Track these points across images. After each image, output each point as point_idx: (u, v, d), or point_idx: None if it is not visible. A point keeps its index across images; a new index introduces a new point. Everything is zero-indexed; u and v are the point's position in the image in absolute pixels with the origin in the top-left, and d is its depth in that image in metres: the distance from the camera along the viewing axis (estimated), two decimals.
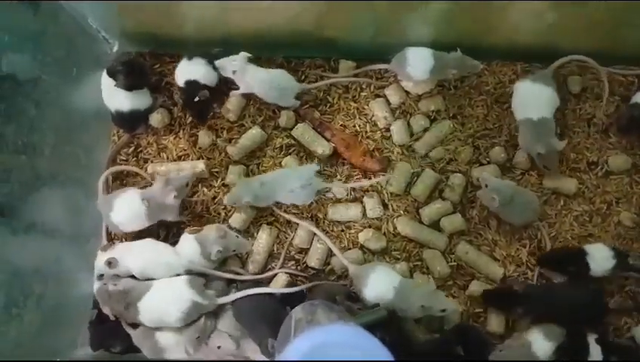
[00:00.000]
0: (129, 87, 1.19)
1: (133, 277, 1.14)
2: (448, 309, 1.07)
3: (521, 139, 1.22)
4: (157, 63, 1.30)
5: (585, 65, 1.28)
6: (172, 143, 1.26)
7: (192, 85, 1.21)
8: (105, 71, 1.18)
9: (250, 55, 1.21)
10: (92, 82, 1.21)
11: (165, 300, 1.10)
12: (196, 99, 1.19)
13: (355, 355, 0.75)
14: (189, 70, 1.23)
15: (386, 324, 0.99)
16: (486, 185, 1.16)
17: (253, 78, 1.22)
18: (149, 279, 1.13)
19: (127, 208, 1.13)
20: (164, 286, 1.11)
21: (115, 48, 1.30)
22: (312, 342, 0.77)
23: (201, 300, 1.09)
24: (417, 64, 1.21)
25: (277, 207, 1.22)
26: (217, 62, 1.21)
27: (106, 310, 1.12)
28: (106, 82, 1.19)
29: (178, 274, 1.13)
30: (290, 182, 1.16)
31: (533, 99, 1.20)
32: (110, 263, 1.09)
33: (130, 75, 1.17)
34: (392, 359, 0.76)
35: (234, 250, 1.16)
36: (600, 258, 1.14)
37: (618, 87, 1.29)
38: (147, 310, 1.09)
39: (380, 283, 1.09)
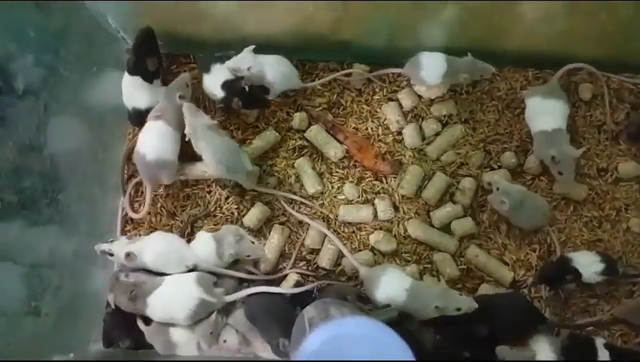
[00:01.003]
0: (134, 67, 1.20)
1: (146, 271, 1.15)
2: (463, 307, 1.07)
3: (536, 150, 1.23)
4: (174, 64, 1.32)
5: (596, 72, 1.29)
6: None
7: (231, 84, 1.20)
8: (126, 71, 1.20)
9: (254, 46, 1.21)
10: (110, 80, 1.22)
11: (174, 297, 1.10)
12: (246, 88, 1.18)
13: (371, 347, 0.76)
14: (216, 77, 1.22)
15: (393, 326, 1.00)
16: (497, 188, 1.17)
17: (268, 66, 1.21)
18: (161, 273, 1.14)
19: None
20: (173, 283, 1.12)
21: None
22: (328, 334, 0.78)
23: (209, 298, 1.10)
24: (431, 68, 1.22)
25: (290, 206, 1.24)
26: (229, 65, 1.20)
27: (109, 297, 1.13)
28: (127, 80, 1.21)
29: (191, 270, 1.15)
30: None
31: (545, 113, 1.21)
32: (129, 255, 1.10)
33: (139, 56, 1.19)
34: (409, 350, 0.77)
35: (248, 255, 1.16)
36: (586, 263, 1.15)
37: (628, 95, 1.31)
38: (156, 305, 1.10)
39: (391, 286, 1.10)
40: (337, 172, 1.27)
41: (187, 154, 1.20)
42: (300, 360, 0.78)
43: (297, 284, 1.19)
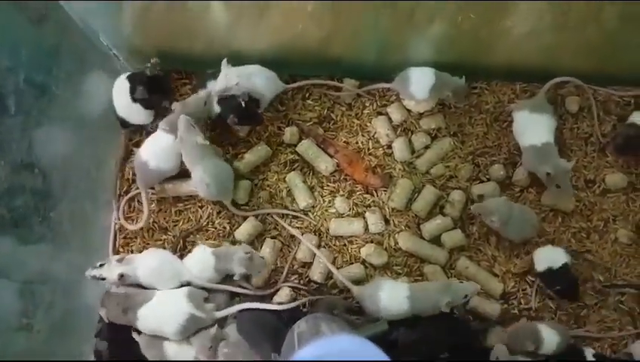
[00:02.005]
0: (146, 104, 1.22)
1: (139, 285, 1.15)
2: (469, 293, 1.10)
3: (525, 163, 1.24)
4: None
5: (582, 86, 1.31)
6: None
7: (227, 100, 1.22)
8: (124, 77, 1.23)
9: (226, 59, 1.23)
10: (103, 98, 1.24)
11: (164, 311, 1.11)
12: (242, 104, 1.19)
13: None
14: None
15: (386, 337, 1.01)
16: (479, 214, 1.20)
17: (254, 76, 1.23)
18: (152, 288, 1.15)
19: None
20: (164, 297, 1.13)
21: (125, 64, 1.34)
22: (315, 351, 0.79)
23: (199, 313, 1.11)
24: (419, 83, 1.24)
25: (282, 219, 1.25)
26: (218, 89, 1.22)
27: (102, 312, 1.14)
28: (123, 98, 1.23)
29: (183, 285, 1.15)
30: None
31: (533, 127, 1.23)
32: (122, 277, 1.11)
33: (152, 93, 1.21)
34: None
35: (259, 272, 1.15)
36: (547, 257, 1.19)
37: (615, 107, 1.32)
38: (146, 318, 1.11)
39: (392, 299, 1.10)
40: (328, 186, 1.28)
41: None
42: None
43: (290, 298, 1.19)
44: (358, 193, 1.28)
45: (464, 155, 1.29)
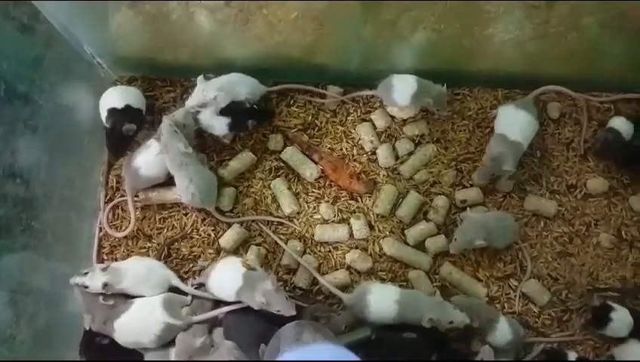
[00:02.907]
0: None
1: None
2: (455, 322, 1.10)
3: (490, 148, 1.25)
4: (150, 88, 1.34)
5: (564, 93, 1.33)
6: None
7: (236, 108, 1.25)
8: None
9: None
10: (87, 107, 1.24)
11: (140, 321, 1.11)
12: (255, 106, 1.25)
13: None
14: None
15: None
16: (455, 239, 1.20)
17: (236, 85, 1.25)
18: (139, 296, 1.15)
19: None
20: (140, 307, 1.13)
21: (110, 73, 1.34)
22: (295, 358, 0.80)
23: (174, 321, 1.11)
24: (402, 90, 1.26)
25: (266, 226, 1.26)
26: (192, 104, 1.23)
27: (86, 319, 1.13)
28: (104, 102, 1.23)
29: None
30: None
31: (513, 121, 1.25)
32: (106, 285, 1.11)
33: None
34: None
35: (278, 310, 1.07)
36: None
37: (596, 113, 1.34)
38: (123, 329, 1.11)
39: (381, 302, 1.12)
40: (313, 192, 1.29)
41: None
42: None
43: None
44: (342, 199, 1.29)
45: (447, 161, 1.30)
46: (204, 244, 1.25)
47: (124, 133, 1.20)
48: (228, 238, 1.23)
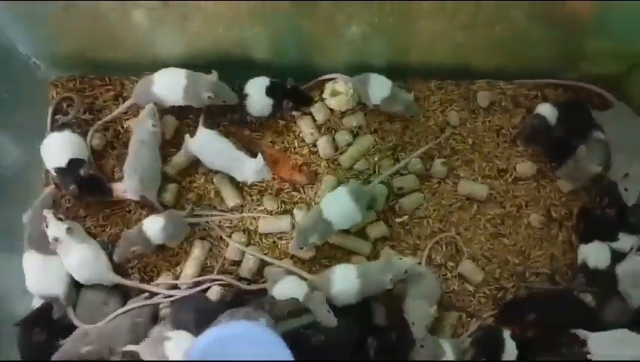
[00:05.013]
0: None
1: None
2: (409, 268, 1.17)
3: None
4: (89, 87, 1.35)
5: (493, 82, 1.40)
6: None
7: (275, 87, 1.30)
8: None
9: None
10: (26, 110, 1.23)
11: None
12: (289, 86, 1.29)
13: (252, 346, 0.84)
14: (257, 92, 1.30)
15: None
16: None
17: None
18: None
19: None
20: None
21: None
22: (211, 336, 0.87)
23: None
24: (376, 91, 1.30)
25: (210, 220, 1.28)
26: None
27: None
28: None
29: None
30: None
31: (336, 204, 1.22)
32: (56, 240, 1.15)
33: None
34: (287, 349, 0.86)
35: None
36: None
37: (524, 100, 1.41)
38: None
39: (343, 281, 1.16)
40: (256, 185, 1.32)
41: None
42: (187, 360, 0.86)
43: (221, 296, 1.22)
44: (285, 191, 1.32)
45: (384, 150, 1.35)
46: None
47: (86, 177, 1.21)
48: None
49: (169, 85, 1.25)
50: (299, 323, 1.14)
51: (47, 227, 1.15)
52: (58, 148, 1.22)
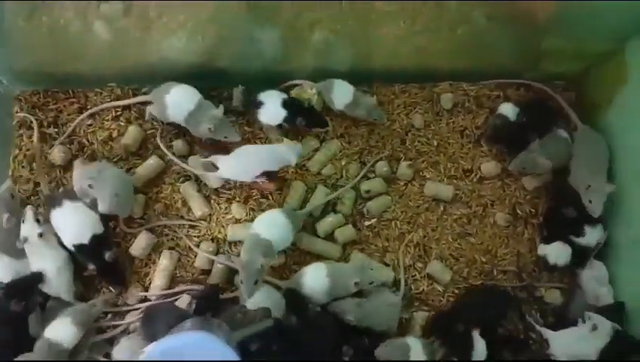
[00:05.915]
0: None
1: None
2: (375, 281, 1.21)
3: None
4: (53, 101, 1.34)
5: (456, 84, 1.42)
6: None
7: (292, 102, 1.33)
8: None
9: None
10: None
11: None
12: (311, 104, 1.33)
13: (201, 354, 0.86)
14: (272, 103, 1.31)
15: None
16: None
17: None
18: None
19: None
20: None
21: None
22: (163, 345, 0.89)
23: None
24: (339, 96, 1.33)
25: (179, 230, 1.28)
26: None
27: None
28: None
29: None
30: None
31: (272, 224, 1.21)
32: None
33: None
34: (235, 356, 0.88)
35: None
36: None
37: (487, 101, 1.43)
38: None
39: (313, 280, 1.18)
40: (224, 193, 1.32)
41: None
42: None
43: (189, 305, 1.22)
44: (254, 198, 1.33)
45: (351, 155, 1.36)
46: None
47: (109, 262, 1.18)
48: (137, 246, 1.25)
49: (178, 103, 1.25)
50: (258, 327, 1.14)
51: (23, 222, 1.16)
52: (77, 222, 1.18)
